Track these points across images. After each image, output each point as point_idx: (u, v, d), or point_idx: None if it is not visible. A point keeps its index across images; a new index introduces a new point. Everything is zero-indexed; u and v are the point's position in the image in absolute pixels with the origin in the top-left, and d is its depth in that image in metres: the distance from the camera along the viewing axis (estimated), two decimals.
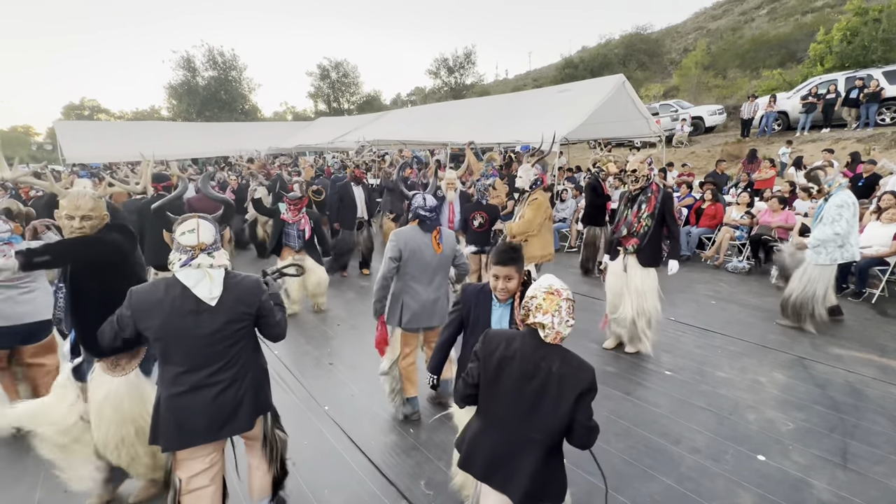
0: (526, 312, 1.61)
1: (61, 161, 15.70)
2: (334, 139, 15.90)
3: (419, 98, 40.45)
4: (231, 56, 29.95)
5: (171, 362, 1.79)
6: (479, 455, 1.69)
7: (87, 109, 37.95)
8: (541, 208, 4.22)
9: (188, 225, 1.80)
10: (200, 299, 1.76)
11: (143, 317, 1.75)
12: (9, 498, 2.63)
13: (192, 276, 1.76)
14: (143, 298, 1.76)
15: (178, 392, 1.78)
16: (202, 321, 1.76)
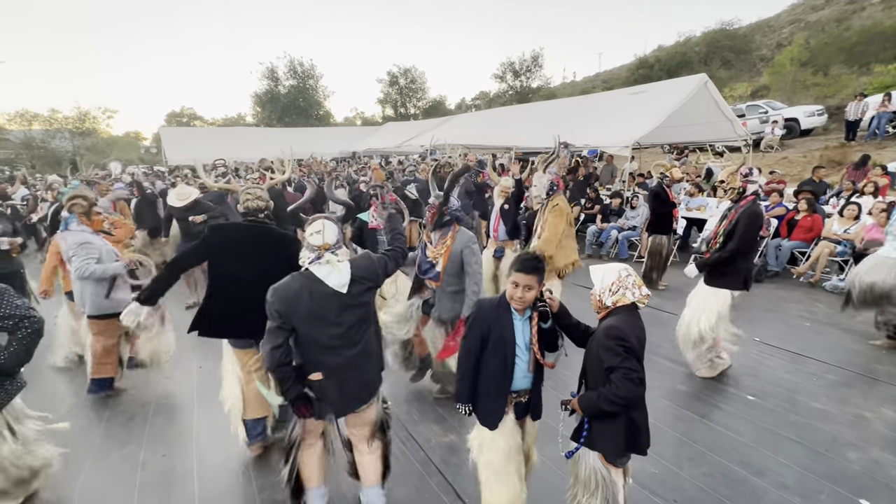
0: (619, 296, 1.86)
1: (164, 162, 17.66)
2: (401, 143, 16.40)
3: (484, 102, 40.49)
4: (309, 66, 31.99)
5: (316, 344, 2.04)
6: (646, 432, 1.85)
7: (186, 116, 42.37)
8: (563, 213, 4.11)
9: (315, 226, 2.02)
10: (333, 287, 2.00)
11: (292, 308, 1.97)
12: (121, 454, 3.00)
13: (323, 269, 2.01)
14: (285, 293, 1.98)
15: (336, 368, 2.06)
16: (337, 304, 2.01)
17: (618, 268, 1.92)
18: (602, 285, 1.91)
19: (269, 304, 1.98)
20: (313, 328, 2.01)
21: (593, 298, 1.95)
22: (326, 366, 2.06)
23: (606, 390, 1.75)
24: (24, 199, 9.09)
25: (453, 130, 15.19)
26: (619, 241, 7.39)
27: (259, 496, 2.58)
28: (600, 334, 1.83)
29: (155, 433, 3.22)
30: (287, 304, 1.97)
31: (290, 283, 2.01)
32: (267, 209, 2.77)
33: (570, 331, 2.10)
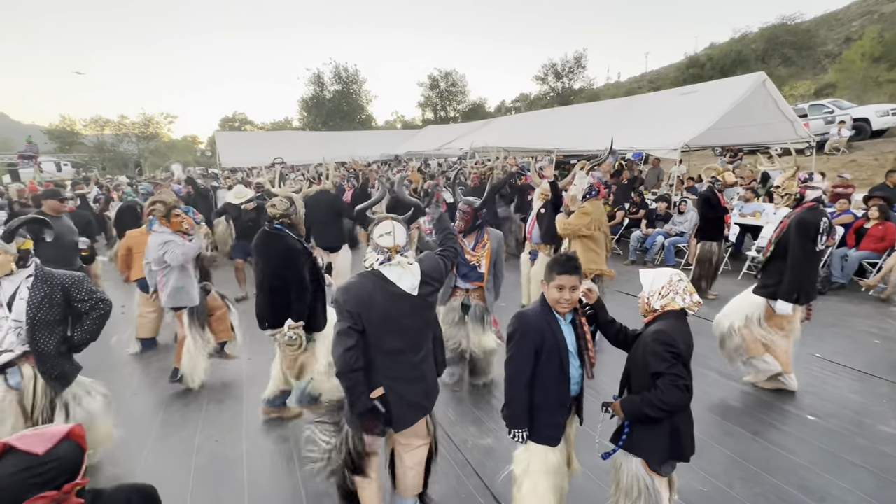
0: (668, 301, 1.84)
1: (218, 165, 18.71)
2: (440, 146, 16.54)
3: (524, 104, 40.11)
4: (353, 71, 32.95)
5: (380, 349, 1.94)
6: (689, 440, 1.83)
7: (238, 121, 44.70)
8: (586, 217, 4.03)
9: (384, 227, 1.95)
10: (404, 289, 1.94)
11: (365, 308, 1.88)
12: (179, 437, 3.22)
13: (394, 271, 1.95)
14: (359, 292, 1.91)
15: (400, 376, 1.99)
16: (408, 307, 1.96)
17: (669, 272, 1.90)
18: (651, 288, 1.89)
19: (340, 304, 1.90)
20: (382, 331, 1.92)
21: (641, 301, 1.93)
22: (388, 373, 1.96)
23: (651, 395, 1.72)
24: (96, 198, 9.90)
25: (493, 133, 15.15)
26: (666, 248, 7.10)
27: (304, 487, 2.69)
28: (648, 338, 1.79)
29: (209, 419, 3.42)
30: (361, 304, 1.87)
31: (362, 283, 1.94)
32: (284, 216, 3.08)
33: (607, 328, 2.11)
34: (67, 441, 1.12)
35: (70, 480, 1.08)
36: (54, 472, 1.06)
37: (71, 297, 2.51)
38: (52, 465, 1.06)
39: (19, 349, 2.43)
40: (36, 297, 2.41)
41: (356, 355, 1.84)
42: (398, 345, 1.95)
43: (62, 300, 2.48)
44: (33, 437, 1.09)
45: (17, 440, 1.08)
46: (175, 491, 2.67)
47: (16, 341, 2.41)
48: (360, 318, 1.87)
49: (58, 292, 2.47)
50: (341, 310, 1.89)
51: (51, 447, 1.08)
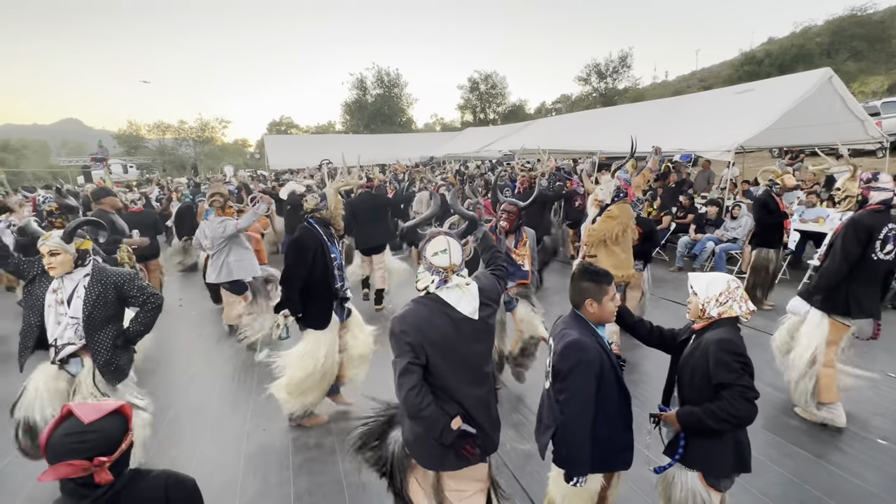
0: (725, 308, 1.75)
1: (266, 167, 19.59)
2: (479, 148, 16.53)
3: (565, 106, 39.39)
4: (395, 75, 33.56)
5: (448, 378, 1.73)
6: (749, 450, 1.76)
7: (284, 125, 46.59)
8: (612, 221, 3.84)
9: (439, 244, 1.76)
10: (465, 314, 1.74)
11: (426, 338, 1.68)
12: (227, 425, 3.40)
13: (453, 294, 1.75)
14: (416, 320, 1.71)
15: (463, 407, 1.75)
16: (470, 332, 1.75)
17: (725, 278, 1.83)
18: (707, 294, 1.80)
19: (398, 336, 1.68)
20: (444, 360, 1.71)
21: (693, 307, 1.85)
22: (448, 407, 1.73)
23: (716, 407, 1.64)
24: (157, 198, 10.63)
25: (534, 135, 14.97)
26: (717, 254, 6.75)
27: (345, 479, 2.77)
28: (711, 346, 1.70)
29: (257, 409, 3.59)
30: (421, 334, 1.67)
31: (419, 310, 1.74)
32: (315, 210, 3.25)
33: (637, 329, 2.10)
34: (113, 416, 1.19)
35: (106, 454, 1.13)
36: (93, 443, 1.12)
37: (123, 294, 2.65)
38: (93, 435, 1.13)
39: (78, 343, 2.58)
40: (91, 295, 2.56)
41: (422, 394, 1.64)
42: (460, 374, 1.75)
43: (115, 298, 2.62)
44: (87, 407, 1.18)
45: (76, 406, 1.18)
46: (228, 476, 2.83)
47: (73, 336, 2.56)
48: (423, 349, 1.67)
49: (111, 290, 2.61)
50: (399, 343, 1.68)
51: (96, 419, 1.15)
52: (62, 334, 2.55)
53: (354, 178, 5.89)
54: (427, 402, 1.63)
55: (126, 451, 1.20)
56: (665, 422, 1.86)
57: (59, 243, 2.53)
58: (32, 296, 2.60)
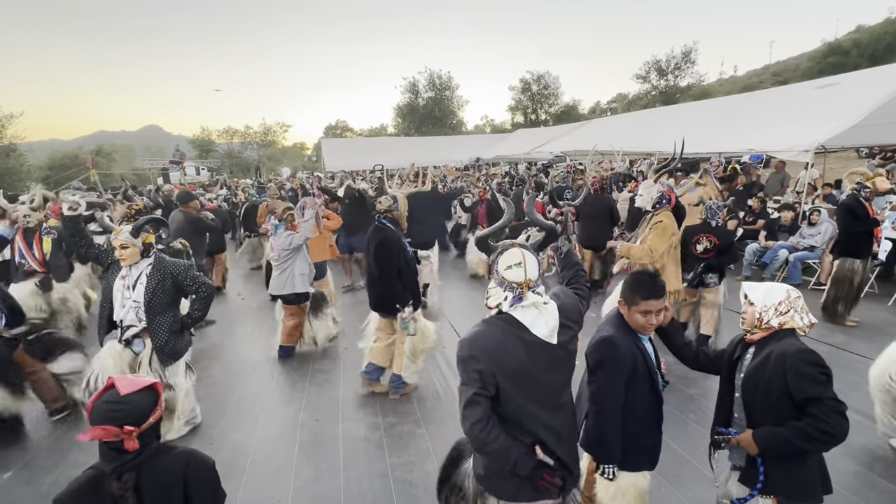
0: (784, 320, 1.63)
1: (322, 169, 20.48)
2: (530, 150, 16.31)
3: (621, 105, 37.93)
4: (447, 77, 33.89)
5: (520, 408, 1.55)
6: None
7: (339, 129, 48.44)
8: (666, 233, 3.53)
9: (512, 257, 1.58)
10: (541, 337, 1.54)
11: (497, 365, 1.51)
12: (283, 413, 3.59)
13: (528, 314, 1.54)
14: (487, 344, 1.53)
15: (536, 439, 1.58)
16: (547, 358, 1.56)
17: (784, 287, 1.72)
18: (766, 303, 1.68)
19: (466, 362, 1.52)
20: (516, 388, 1.53)
21: (749, 316, 1.73)
22: (521, 435, 1.57)
23: (806, 425, 1.51)
24: (225, 198, 11.44)
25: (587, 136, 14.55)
26: (791, 263, 6.21)
27: (392, 473, 2.83)
28: (788, 359, 1.57)
29: (310, 400, 3.76)
30: (493, 360, 1.49)
31: (489, 332, 1.55)
32: (387, 211, 3.65)
33: (683, 351, 1.99)
34: (146, 392, 1.33)
35: (134, 425, 1.27)
36: (124, 413, 1.26)
37: (179, 283, 3.00)
38: (125, 406, 1.27)
39: (139, 325, 2.96)
40: (152, 282, 2.92)
41: (489, 427, 1.48)
42: (534, 404, 1.56)
43: (172, 286, 2.98)
44: (126, 381, 1.33)
45: (118, 379, 1.33)
46: (283, 461, 2.99)
47: (135, 318, 2.94)
48: (493, 377, 1.49)
49: (168, 279, 2.96)
50: (467, 369, 1.51)
51: (130, 392, 1.30)
52: (126, 316, 2.95)
53: (428, 185, 6.21)
54: (494, 436, 1.48)
55: (154, 424, 1.34)
56: (734, 446, 1.72)
57: (129, 237, 2.92)
58: (107, 281, 3.03)
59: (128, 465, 1.27)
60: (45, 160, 28.19)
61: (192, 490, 1.35)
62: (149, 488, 1.29)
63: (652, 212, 3.71)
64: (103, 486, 1.26)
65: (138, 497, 1.27)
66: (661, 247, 3.53)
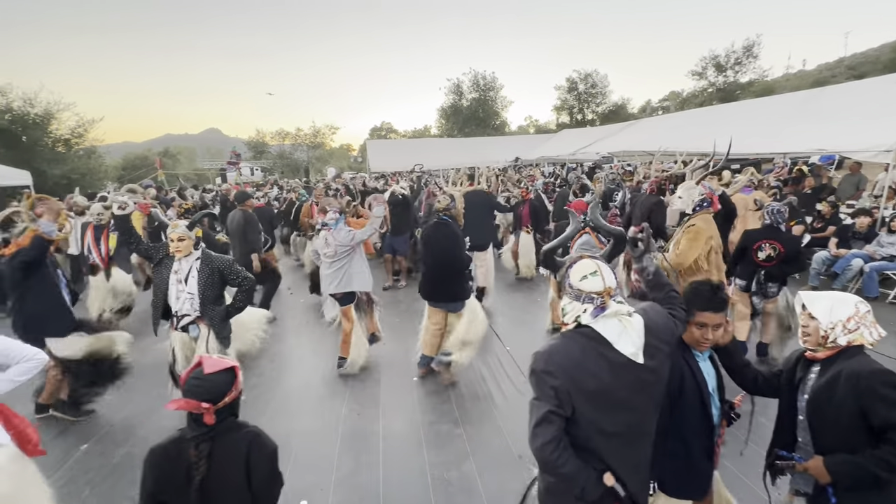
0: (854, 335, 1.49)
1: (367, 170, 21.00)
2: (576, 150, 15.93)
3: (674, 104, 36.20)
4: (491, 78, 33.72)
5: (598, 431, 1.41)
6: None
7: (384, 130, 49.45)
8: (699, 238, 3.23)
9: (587, 267, 1.49)
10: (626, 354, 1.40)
11: (576, 382, 1.38)
12: (327, 406, 3.71)
13: (612, 326, 1.41)
14: (564, 361, 1.40)
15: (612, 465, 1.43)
16: (631, 380, 1.42)
17: (852, 299, 1.54)
18: (831, 319, 1.52)
19: (539, 376, 1.41)
20: (594, 410, 1.40)
21: (813, 333, 1.57)
22: (595, 458, 1.43)
23: (887, 453, 1.38)
24: (275, 198, 12.00)
25: (636, 136, 14.01)
26: (866, 274, 5.68)
27: (430, 471, 2.86)
28: (861, 380, 1.43)
29: (352, 395, 3.87)
30: (570, 379, 1.38)
31: (567, 347, 1.43)
32: (446, 209, 3.92)
33: (741, 373, 1.82)
34: (225, 373, 1.47)
35: (211, 402, 1.41)
36: (204, 390, 1.41)
37: (225, 276, 3.24)
38: (206, 384, 1.42)
39: (193, 314, 3.21)
40: (203, 275, 3.17)
41: (560, 449, 1.36)
42: (613, 428, 1.42)
43: (219, 279, 3.22)
44: (210, 361, 1.47)
45: (205, 358, 1.48)
46: (326, 451, 3.10)
47: (190, 308, 3.19)
48: (569, 397, 1.37)
49: (216, 273, 3.20)
50: (541, 383, 1.41)
51: (211, 372, 1.45)
52: (181, 307, 3.21)
53: (484, 184, 6.28)
54: (564, 458, 1.36)
55: (230, 403, 1.47)
56: (801, 472, 1.58)
57: (185, 231, 3.20)
58: (159, 275, 3.29)
59: (204, 436, 1.43)
60: (120, 161, 30.73)
61: (252, 468, 1.47)
62: (218, 460, 1.44)
63: (690, 215, 3.48)
64: (184, 449, 1.44)
65: (209, 465, 1.42)
66: (690, 253, 3.26)
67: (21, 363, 2.07)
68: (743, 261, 3.91)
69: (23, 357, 2.08)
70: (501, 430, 3.28)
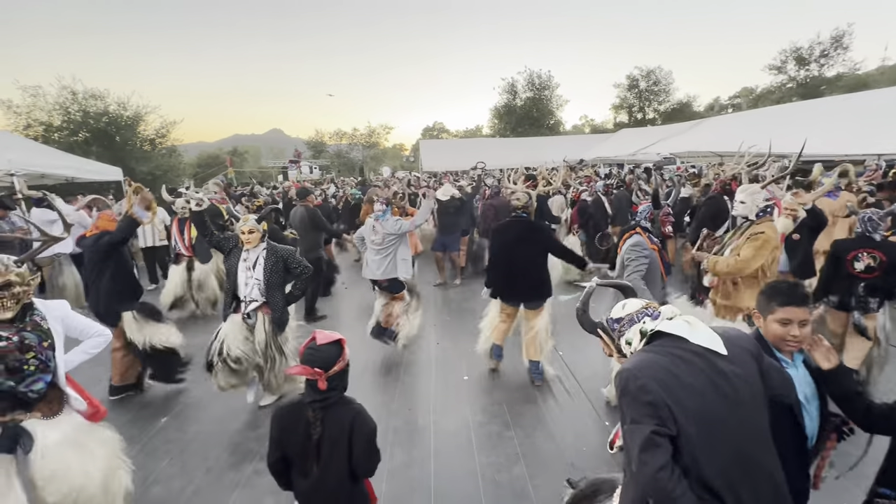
0: None
1: (419, 169, 21.34)
2: (636, 151, 15.25)
3: (746, 101, 33.63)
4: (547, 77, 33.03)
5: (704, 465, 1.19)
6: None
7: (436, 130, 50.01)
8: (766, 247, 2.96)
9: (617, 306, 1.54)
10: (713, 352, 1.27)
11: (675, 400, 1.20)
12: (378, 400, 3.80)
13: (679, 326, 1.32)
14: (655, 374, 1.24)
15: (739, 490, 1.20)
16: (739, 390, 1.24)
17: None
18: None
19: (633, 394, 1.24)
20: (700, 435, 1.19)
21: None
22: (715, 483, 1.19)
23: None
24: (333, 195, 12.51)
25: (703, 136, 13.17)
26: None
27: (480, 471, 2.87)
28: None
29: (405, 390, 3.96)
30: (669, 394, 1.20)
31: (652, 358, 1.28)
32: (524, 207, 3.89)
33: (853, 402, 1.56)
34: (333, 345, 1.66)
35: (322, 370, 1.62)
36: (316, 359, 1.63)
37: (287, 265, 3.50)
38: (319, 353, 1.63)
39: (260, 300, 3.47)
40: (269, 264, 3.44)
41: (675, 476, 1.17)
42: (723, 457, 1.21)
43: (283, 267, 3.48)
44: (323, 335, 1.68)
45: (318, 332, 1.69)
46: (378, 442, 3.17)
47: (257, 294, 3.46)
48: (669, 411, 1.19)
49: (280, 261, 3.47)
50: (636, 402, 1.23)
51: (323, 343, 1.65)
52: (249, 293, 3.48)
53: (558, 182, 6.34)
54: (682, 487, 1.16)
55: (339, 373, 1.66)
56: None
57: (254, 224, 3.49)
58: (229, 265, 3.56)
59: (318, 402, 1.65)
60: (195, 159, 33.40)
61: (354, 440, 1.66)
62: (329, 425, 1.66)
63: (753, 221, 3.21)
64: (303, 411, 1.68)
65: (323, 428, 1.66)
66: (755, 262, 3.03)
67: (93, 338, 2.34)
68: (836, 275, 3.52)
69: (94, 332, 2.35)
70: (553, 435, 3.21)
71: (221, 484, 2.84)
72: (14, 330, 1.98)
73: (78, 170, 10.50)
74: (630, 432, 1.24)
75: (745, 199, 3.25)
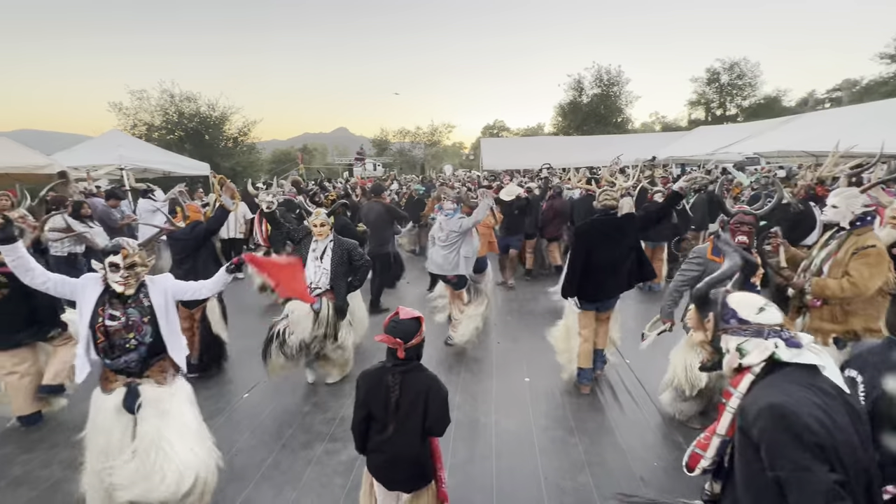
0: None
1: (479, 167, 21.31)
2: (714, 150, 14.16)
3: (847, 95, 29.93)
4: (616, 73, 31.53)
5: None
6: None
7: (496, 128, 49.57)
8: (882, 262, 2.58)
9: (753, 300, 1.34)
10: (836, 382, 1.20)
11: (838, 444, 1.09)
12: None
13: (814, 358, 1.22)
14: (813, 412, 1.10)
15: None
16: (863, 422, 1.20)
17: None
18: None
19: (797, 435, 1.08)
20: (853, 473, 1.10)
21: None
22: None
23: None
24: (395, 191, 12.85)
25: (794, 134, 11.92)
26: None
27: (543, 474, 2.83)
28: None
29: (465, 386, 3.99)
30: (827, 430, 1.08)
31: (800, 393, 1.14)
32: (614, 207, 3.74)
33: None
34: (413, 321, 1.89)
35: (402, 340, 1.85)
36: (398, 330, 1.86)
37: (351, 257, 3.80)
38: (400, 325, 1.87)
39: (325, 287, 3.76)
40: (336, 255, 3.75)
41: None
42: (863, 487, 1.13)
43: (347, 258, 3.79)
44: (405, 311, 1.91)
45: (400, 308, 1.93)
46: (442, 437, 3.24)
47: (325, 282, 3.75)
48: (836, 453, 1.07)
49: (345, 253, 3.78)
50: (802, 446, 1.08)
51: (405, 318, 1.88)
52: (318, 280, 3.78)
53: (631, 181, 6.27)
54: None
55: (416, 346, 1.89)
56: None
57: (325, 217, 3.81)
58: (299, 254, 3.89)
59: (397, 369, 1.89)
60: (270, 156, 35.83)
61: (430, 404, 1.88)
62: (406, 390, 1.88)
63: (848, 229, 2.77)
64: (384, 374, 1.91)
65: (401, 391, 1.87)
66: (874, 281, 2.59)
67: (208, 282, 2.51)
68: None
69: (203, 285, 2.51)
70: (620, 446, 3.09)
71: (297, 459, 3.04)
72: (123, 309, 2.25)
73: (174, 165, 11.71)
74: (800, 481, 1.07)
75: (838, 202, 2.83)
